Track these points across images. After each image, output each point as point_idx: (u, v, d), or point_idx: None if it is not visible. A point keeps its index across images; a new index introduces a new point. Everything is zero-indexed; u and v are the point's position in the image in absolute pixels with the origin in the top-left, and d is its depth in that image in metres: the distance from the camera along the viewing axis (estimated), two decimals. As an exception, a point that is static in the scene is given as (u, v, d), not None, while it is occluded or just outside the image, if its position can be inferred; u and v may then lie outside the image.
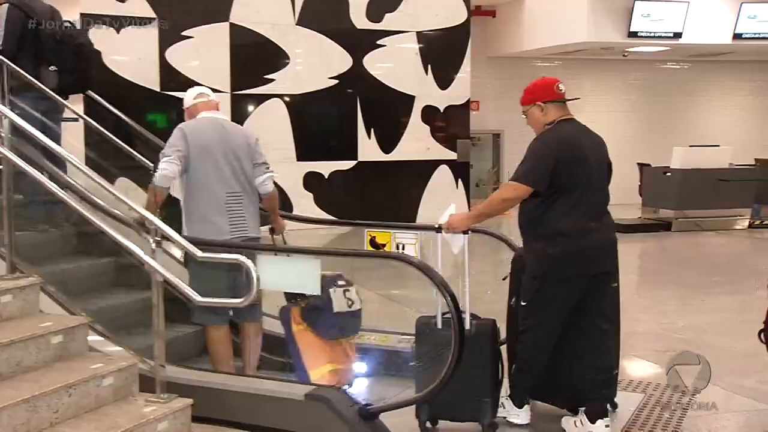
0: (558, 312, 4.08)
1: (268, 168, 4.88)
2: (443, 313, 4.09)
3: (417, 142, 13.04)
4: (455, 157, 13.48)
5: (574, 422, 4.14)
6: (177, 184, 4.72)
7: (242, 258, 3.75)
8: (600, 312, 4.13)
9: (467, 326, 4.02)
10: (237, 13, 11.64)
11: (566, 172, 4.00)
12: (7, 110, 4.44)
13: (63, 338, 3.97)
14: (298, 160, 12.12)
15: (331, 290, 4.52)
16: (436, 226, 4.30)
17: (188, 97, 4.99)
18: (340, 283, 4.61)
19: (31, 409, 3.37)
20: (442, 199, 13.35)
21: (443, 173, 13.35)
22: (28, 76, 5.26)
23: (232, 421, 4.06)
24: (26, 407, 3.35)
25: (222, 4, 11.55)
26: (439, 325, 4.14)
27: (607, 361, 4.18)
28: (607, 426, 4.05)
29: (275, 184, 4.97)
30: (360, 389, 4.67)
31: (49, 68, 5.47)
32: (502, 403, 4.21)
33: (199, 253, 3.87)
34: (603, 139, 4.35)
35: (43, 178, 4.26)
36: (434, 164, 13.27)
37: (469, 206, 13.73)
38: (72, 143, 6.41)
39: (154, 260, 3.85)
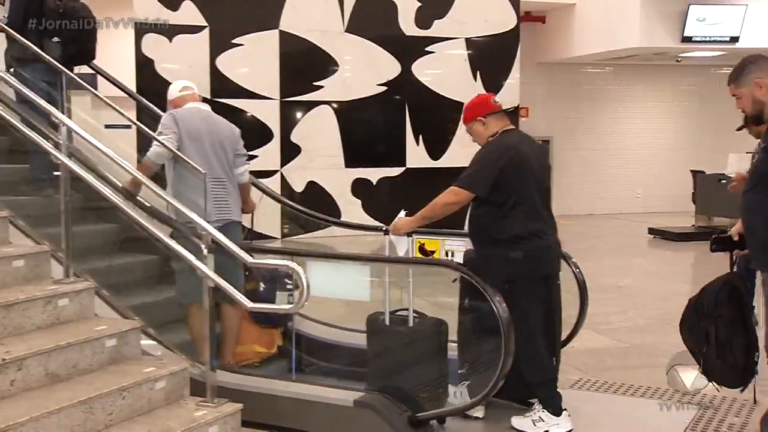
0: (536, 309, 4.21)
1: (247, 160, 5.25)
2: (393, 311, 4.47)
3: (465, 149, 12.98)
4: (504, 164, 13.39)
5: (533, 421, 4.17)
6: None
7: (292, 264, 3.79)
8: (557, 309, 4.39)
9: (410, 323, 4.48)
10: (286, 21, 11.76)
11: (512, 178, 4.18)
12: (60, 113, 4.58)
13: (117, 341, 4.06)
14: (347, 166, 12.18)
15: (278, 291, 4.85)
16: (383, 228, 4.65)
17: (173, 89, 5.27)
18: (288, 286, 4.78)
19: (87, 410, 3.45)
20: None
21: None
22: (34, 47, 5.42)
23: (280, 426, 4.10)
24: (82, 409, 3.43)
25: (272, 12, 11.67)
26: (387, 322, 4.49)
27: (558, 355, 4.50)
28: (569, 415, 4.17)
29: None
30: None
31: (53, 40, 5.66)
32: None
33: (249, 259, 3.93)
34: (544, 146, 4.43)
35: (99, 184, 4.36)
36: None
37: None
38: (125, 149, 6.52)
39: (206, 266, 3.91)
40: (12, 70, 5.53)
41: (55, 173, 4.50)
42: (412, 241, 4.62)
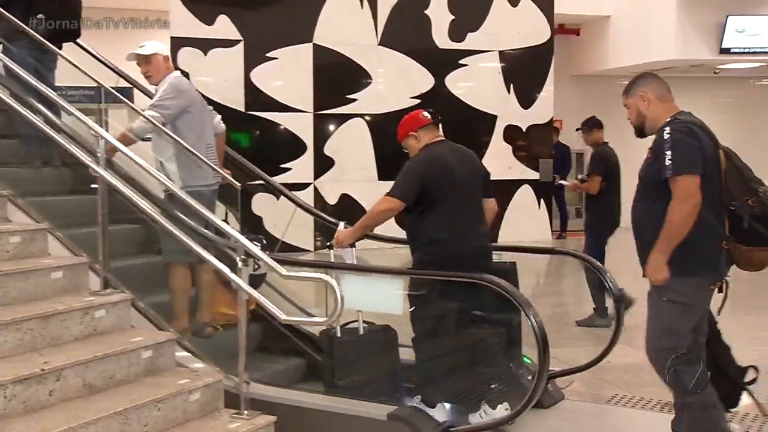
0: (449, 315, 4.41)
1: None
2: (344, 324, 4.66)
3: (499, 162, 12.97)
4: (537, 177, 13.36)
5: (479, 414, 4.30)
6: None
7: (326, 277, 3.80)
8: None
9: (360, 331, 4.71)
10: (320, 34, 11.85)
11: (435, 186, 4.42)
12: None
13: (152, 353, 4.10)
14: (379, 179, 12.20)
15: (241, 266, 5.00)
16: (327, 244, 4.90)
17: (155, 46, 5.36)
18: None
19: (123, 421, 3.50)
20: (525, 220, 13.26)
21: (525, 193, 13.24)
22: (21, 24, 5.58)
23: (314, 439, 4.11)
24: (119, 419, 3.48)
25: (305, 26, 11.77)
26: (339, 334, 4.66)
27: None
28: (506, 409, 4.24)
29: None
30: (444, 410, 4.66)
31: (38, 16, 5.80)
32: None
33: (283, 272, 3.95)
34: (474, 155, 4.81)
35: (135, 196, 4.42)
36: (516, 184, 13.18)
37: (551, 226, 13.59)
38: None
39: (240, 278, 3.94)
40: (1, 47, 5.70)
41: (92, 186, 4.60)
42: (353, 251, 4.80)
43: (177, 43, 11.10)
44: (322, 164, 12.00)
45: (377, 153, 12.20)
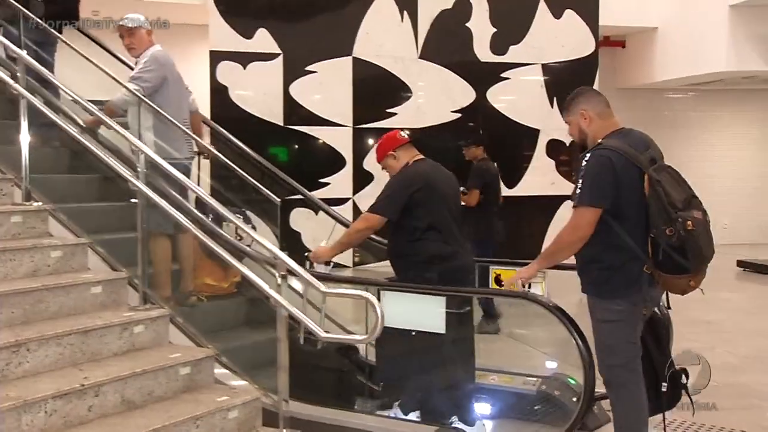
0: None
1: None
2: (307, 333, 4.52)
3: (542, 178, 12.89)
4: (582, 193, 13.22)
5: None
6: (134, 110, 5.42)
7: (367, 294, 3.81)
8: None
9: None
10: (360, 48, 11.90)
11: (424, 202, 4.59)
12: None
13: (190, 370, 4.14)
14: (419, 194, 12.19)
15: (224, 223, 5.12)
16: (305, 254, 4.96)
17: (139, 19, 5.64)
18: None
19: (161, 438, 3.53)
20: (568, 236, 13.09)
21: (568, 209, 13.09)
22: (21, 8, 5.95)
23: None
24: (157, 437, 3.51)
25: (345, 39, 11.83)
26: (302, 341, 4.51)
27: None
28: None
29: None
30: None
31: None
32: None
33: (323, 289, 3.96)
34: (453, 174, 5.03)
35: (175, 212, 4.48)
36: (559, 199, 13.06)
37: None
38: (199, 176, 6.70)
39: (280, 295, 3.96)
40: (1, 29, 6.01)
41: (132, 200, 4.68)
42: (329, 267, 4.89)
43: (216, 57, 11.22)
44: (361, 179, 12.01)
45: (417, 168, 12.17)
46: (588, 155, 3.79)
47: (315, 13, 11.88)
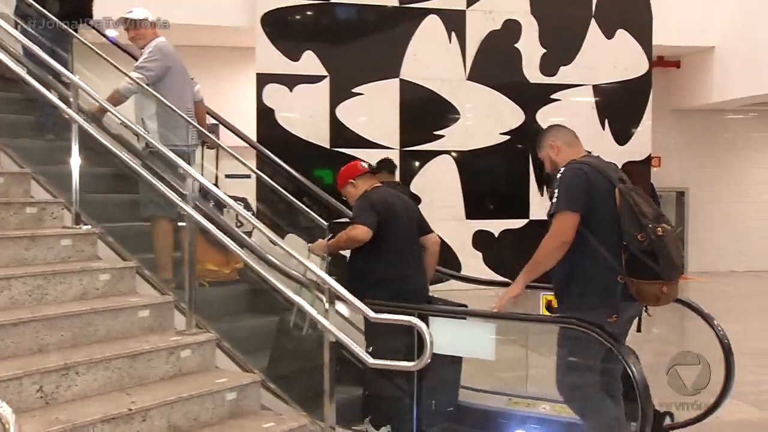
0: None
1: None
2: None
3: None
4: (635, 217, 13.06)
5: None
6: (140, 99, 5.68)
7: (415, 320, 3.81)
8: None
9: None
10: (407, 70, 11.97)
11: (384, 226, 4.92)
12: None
13: (237, 395, 4.17)
14: (467, 218, 12.16)
15: (225, 209, 5.41)
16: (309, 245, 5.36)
17: (143, 12, 5.84)
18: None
19: (208, 465, 3.55)
20: (620, 262, 12.93)
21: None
22: (36, 5, 6.23)
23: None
24: (204, 463, 3.53)
25: (392, 61, 11.92)
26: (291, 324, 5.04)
27: None
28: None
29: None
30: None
31: None
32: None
33: (371, 314, 3.97)
34: (409, 198, 5.60)
35: (225, 237, 4.54)
36: (611, 224, 12.92)
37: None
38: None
39: (327, 320, 3.98)
40: (19, 27, 6.25)
41: (180, 224, 4.76)
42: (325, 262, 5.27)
43: (262, 80, 11.39)
44: (408, 202, 12.03)
45: (465, 191, 12.17)
46: (562, 169, 4.09)
47: (362, 35, 12.01)
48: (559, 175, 4.05)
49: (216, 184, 6.32)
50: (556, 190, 4.00)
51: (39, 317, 3.98)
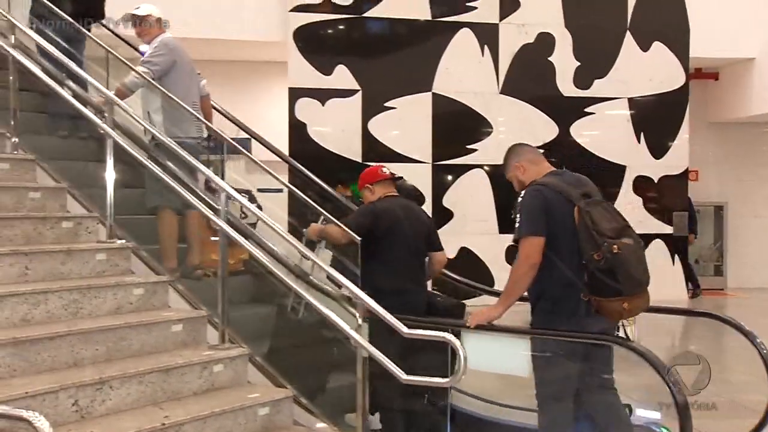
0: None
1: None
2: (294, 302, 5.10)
3: (628, 215, 12.63)
4: (671, 231, 12.96)
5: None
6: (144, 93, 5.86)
7: (449, 337, 3.80)
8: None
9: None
10: (439, 83, 12.01)
11: (381, 234, 5.02)
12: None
13: (269, 410, 4.19)
14: (500, 232, 12.11)
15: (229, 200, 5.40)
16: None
17: (149, 8, 5.98)
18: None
19: (241, 481, 3.57)
20: (657, 276, 12.74)
21: (658, 248, 12.84)
22: (50, 5, 6.44)
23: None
24: (236, 479, 3.55)
25: (425, 75, 11.97)
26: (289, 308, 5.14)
27: None
28: None
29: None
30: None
31: None
32: None
33: (405, 330, 3.96)
34: (423, 211, 5.62)
35: (255, 250, 4.57)
36: (647, 238, 12.81)
37: (686, 284, 13.09)
38: (276, 212, 6.84)
39: (360, 335, 3.99)
40: (34, 26, 6.46)
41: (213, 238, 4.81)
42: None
43: (295, 94, 11.50)
44: (441, 216, 12.03)
45: (498, 205, 12.14)
46: (522, 192, 4.20)
47: (394, 49, 12.08)
48: (519, 200, 4.16)
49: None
50: (518, 215, 4.10)
51: (75, 331, 4.04)
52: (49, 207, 5.15)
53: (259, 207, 5.46)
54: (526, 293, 4.24)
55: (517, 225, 4.10)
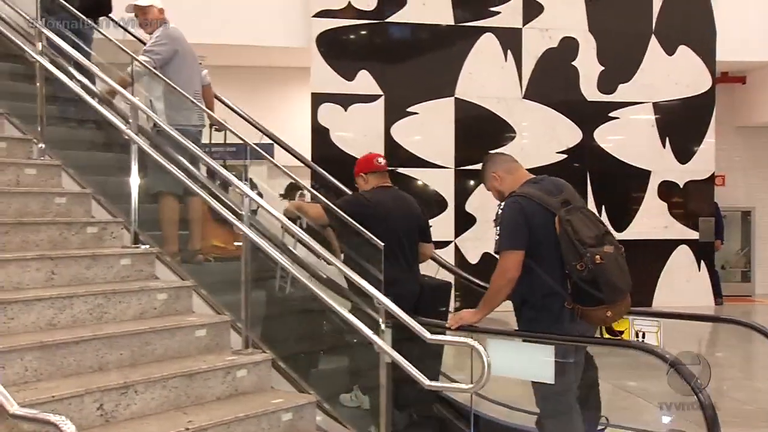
0: None
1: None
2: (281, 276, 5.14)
3: (653, 220, 12.60)
4: (697, 237, 12.85)
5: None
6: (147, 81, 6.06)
7: (472, 342, 3.80)
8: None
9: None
10: (462, 88, 12.00)
11: (374, 226, 5.10)
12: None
13: (292, 416, 4.21)
14: (524, 238, 12.07)
15: (230, 188, 5.51)
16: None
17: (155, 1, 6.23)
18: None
19: (264, 486, 3.58)
20: (682, 282, 12.74)
21: (683, 254, 12.74)
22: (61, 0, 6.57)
23: None
24: (260, 484, 3.56)
25: (447, 80, 11.96)
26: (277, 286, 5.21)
27: None
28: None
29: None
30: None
31: None
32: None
33: (428, 335, 3.97)
34: (414, 201, 5.62)
35: (279, 256, 4.59)
36: (673, 244, 12.72)
37: (720, 292, 12.97)
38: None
39: (383, 340, 3.99)
40: (44, 20, 6.49)
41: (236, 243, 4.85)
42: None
43: (318, 99, 11.53)
44: (463, 221, 12.02)
45: (521, 210, 12.08)
46: (502, 204, 4.27)
47: (416, 55, 12.08)
48: (499, 212, 4.24)
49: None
50: (498, 228, 4.19)
51: (100, 336, 4.08)
52: (74, 212, 5.21)
53: (260, 194, 5.52)
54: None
55: (497, 237, 4.19)
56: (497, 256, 4.20)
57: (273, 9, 11.70)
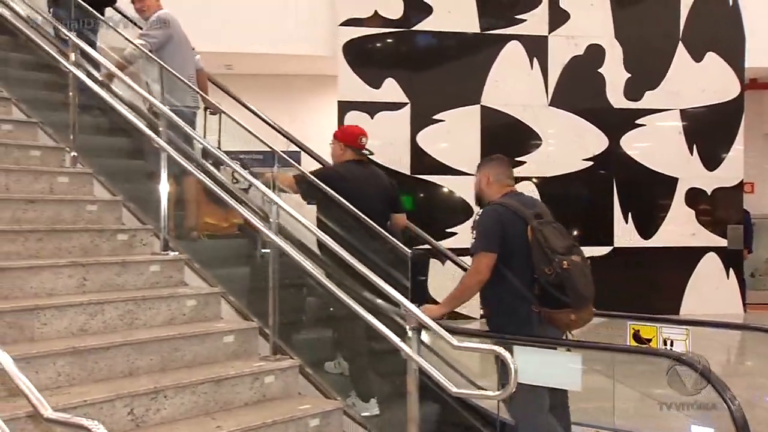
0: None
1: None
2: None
3: (680, 228, 12.49)
4: (725, 244, 12.72)
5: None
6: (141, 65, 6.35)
7: (499, 349, 3.79)
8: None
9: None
10: (488, 96, 11.98)
11: (346, 197, 5.37)
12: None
13: (320, 422, 4.22)
14: (549, 245, 12.02)
15: (222, 167, 5.74)
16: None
17: None
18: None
19: (292, 490, 3.60)
20: (710, 290, 12.61)
21: (711, 261, 12.60)
22: None
23: None
24: (287, 488, 3.58)
25: (473, 88, 11.94)
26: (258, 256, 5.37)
27: None
28: None
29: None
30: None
31: None
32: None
33: (455, 342, 3.97)
34: (384, 175, 5.95)
35: (306, 262, 4.62)
36: (701, 251, 12.59)
37: (743, 300, 12.81)
38: (325, 221, 6.91)
39: (410, 348, 3.99)
40: (51, 10, 6.95)
41: (263, 251, 4.88)
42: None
43: (344, 107, 11.56)
44: (489, 229, 11.97)
45: (547, 218, 12.04)
46: (480, 211, 4.62)
47: (442, 62, 12.08)
48: (476, 217, 4.56)
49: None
50: (475, 232, 4.47)
51: (130, 341, 4.13)
52: (105, 219, 5.28)
53: (254, 174, 5.63)
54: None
55: (473, 240, 4.46)
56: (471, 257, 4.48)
57: (300, 18, 11.77)
